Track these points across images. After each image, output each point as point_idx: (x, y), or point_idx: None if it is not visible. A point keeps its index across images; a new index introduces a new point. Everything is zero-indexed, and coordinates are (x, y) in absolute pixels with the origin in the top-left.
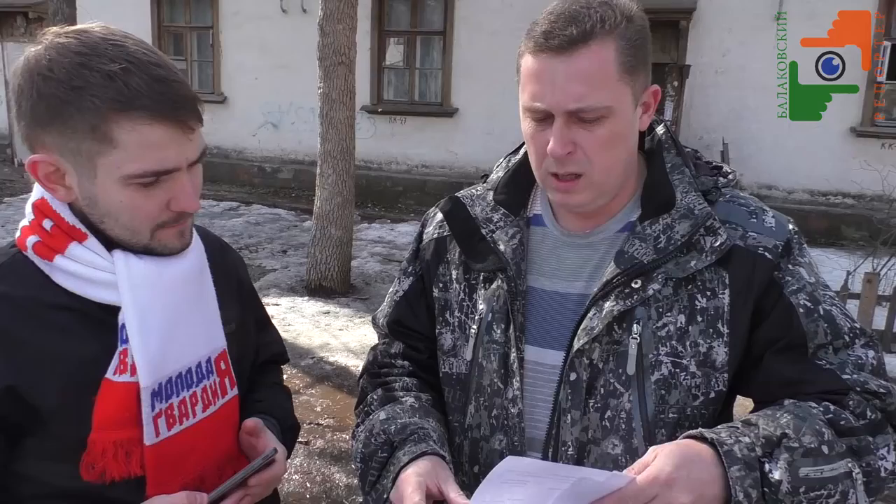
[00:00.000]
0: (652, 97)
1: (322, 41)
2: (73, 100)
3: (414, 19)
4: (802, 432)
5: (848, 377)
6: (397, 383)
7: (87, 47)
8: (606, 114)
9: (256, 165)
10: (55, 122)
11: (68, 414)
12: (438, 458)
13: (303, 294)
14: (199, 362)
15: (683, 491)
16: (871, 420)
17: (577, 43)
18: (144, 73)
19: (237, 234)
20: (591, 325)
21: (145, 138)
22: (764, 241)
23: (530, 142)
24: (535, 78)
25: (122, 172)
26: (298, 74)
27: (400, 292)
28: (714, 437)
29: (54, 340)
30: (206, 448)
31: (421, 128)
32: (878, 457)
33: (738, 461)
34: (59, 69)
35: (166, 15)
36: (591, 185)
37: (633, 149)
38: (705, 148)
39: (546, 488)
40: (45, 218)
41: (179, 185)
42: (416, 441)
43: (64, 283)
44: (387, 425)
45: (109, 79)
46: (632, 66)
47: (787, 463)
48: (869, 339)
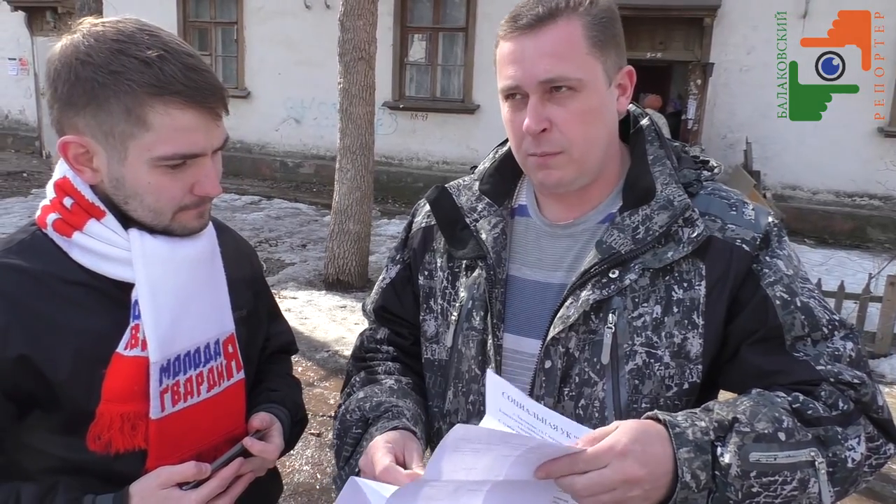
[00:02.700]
0: (627, 78)
1: (342, 36)
2: (111, 83)
3: (436, 15)
4: (758, 418)
5: (822, 368)
6: (380, 367)
7: (123, 35)
8: (578, 86)
9: (279, 160)
10: (91, 105)
11: (79, 385)
12: (408, 433)
13: (320, 288)
14: (207, 343)
15: (636, 463)
16: (843, 411)
17: (545, 20)
18: (178, 61)
19: (258, 227)
20: (567, 313)
21: (177, 122)
22: (742, 233)
23: (509, 126)
24: (509, 59)
25: (153, 154)
26: (321, 70)
27: (387, 279)
28: (668, 419)
29: (69, 314)
30: (207, 427)
31: (442, 124)
32: (846, 447)
33: (688, 443)
34: (98, 54)
35: (192, 10)
36: (570, 162)
37: (612, 130)
38: (728, 147)
39: (500, 455)
40: (66, 196)
41: (204, 169)
42: (389, 418)
43: (81, 260)
44: (362, 402)
45: (146, 65)
46: (600, 41)
47: (737, 447)
48: (849, 332)
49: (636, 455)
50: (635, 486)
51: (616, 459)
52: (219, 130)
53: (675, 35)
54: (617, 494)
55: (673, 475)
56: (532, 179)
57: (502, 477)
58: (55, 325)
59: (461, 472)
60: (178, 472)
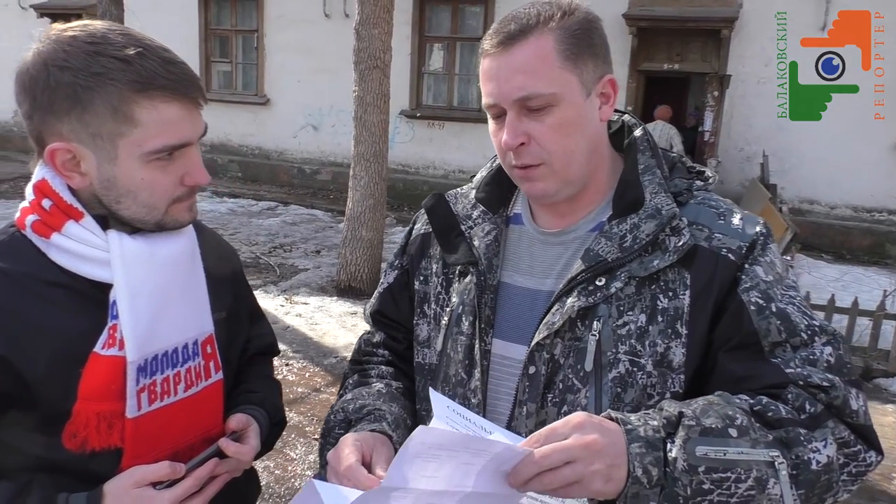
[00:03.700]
0: (610, 87)
1: (358, 45)
2: (94, 85)
3: (454, 25)
4: (707, 414)
5: (791, 371)
6: (374, 370)
7: (96, 37)
8: (553, 101)
9: (296, 167)
10: (75, 109)
11: (56, 385)
12: (384, 437)
13: (332, 294)
14: (185, 343)
15: (595, 432)
16: (810, 414)
17: (516, 37)
18: (156, 56)
19: (273, 233)
20: (553, 319)
21: (164, 115)
22: (728, 242)
23: (493, 140)
24: (486, 77)
25: (144, 149)
26: (339, 78)
27: (385, 284)
28: (620, 417)
29: (47, 315)
30: (183, 426)
31: (459, 133)
32: (810, 449)
33: (640, 439)
34: (75, 58)
35: (213, 18)
36: (552, 174)
37: (594, 139)
38: (745, 160)
39: (462, 464)
40: (44, 198)
41: (192, 159)
42: (370, 421)
43: (59, 260)
44: (346, 404)
45: (126, 63)
46: (574, 54)
47: (683, 441)
48: (831, 337)
49: (594, 426)
50: (597, 455)
51: (574, 430)
52: (200, 119)
53: (692, 47)
54: (578, 468)
55: (627, 470)
56: (522, 190)
57: (468, 489)
58: (33, 326)
59: (423, 479)
60: (151, 471)
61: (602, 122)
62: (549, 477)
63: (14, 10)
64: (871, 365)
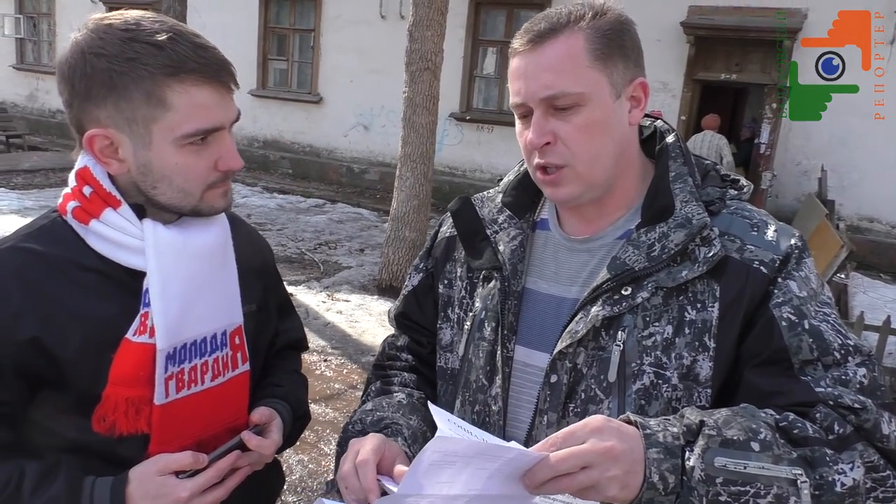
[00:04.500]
0: (641, 90)
1: (410, 46)
2: (128, 70)
3: (508, 29)
4: (730, 426)
5: (821, 390)
6: (396, 378)
7: (130, 24)
8: (580, 101)
9: (345, 165)
10: (111, 95)
11: (87, 368)
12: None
13: (373, 293)
14: (214, 333)
15: (613, 437)
16: (838, 435)
17: (546, 36)
18: (187, 41)
19: (319, 230)
20: (576, 328)
21: (196, 99)
22: (761, 255)
23: (519, 140)
24: (514, 75)
25: (177, 133)
26: (392, 78)
27: (410, 287)
28: (639, 420)
29: (81, 299)
30: (208, 415)
31: (507, 137)
32: (836, 471)
33: (658, 444)
34: (110, 45)
35: (273, 16)
36: (576, 177)
37: (622, 142)
38: (803, 174)
39: (477, 469)
40: (85, 185)
41: (225, 144)
42: (387, 435)
43: (96, 246)
44: (365, 416)
45: (158, 48)
46: (604, 54)
47: (702, 450)
48: (865, 358)
49: (612, 431)
50: (613, 462)
51: (592, 434)
52: (233, 104)
53: (751, 57)
54: (594, 473)
55: (643, 475)
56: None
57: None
58: (67, 309)
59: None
60: (175, 460)
61: (632, 126)
62: (564, 481)
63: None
64: None
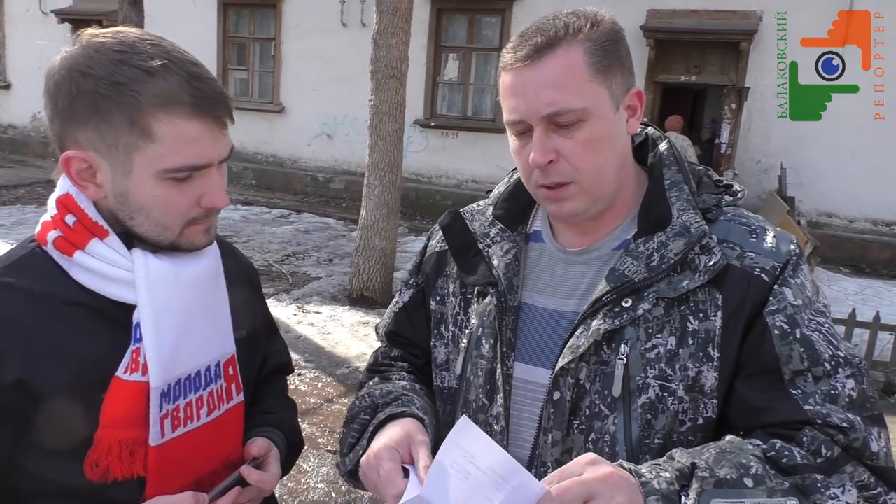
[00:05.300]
0: (636, 99)
1: (375, 54)
2: (113, 95)
3: (470, 35)
4: (721, 465)
5: (810, 408)
6: (395, 375)
7: (125, 45)
8: (583, 116)
9: (310, 175)
10: (93, 118)
11: (77, 410)
12: (416, 421)
13: (344, 303)
14: (208, 366)
15: (610, 467)
16: (827, 458)
17: (543, 50)
18: (182, 69)
19: (286, 241)
20: (577, 343)
21: (183, 133)
22: (762, 262)
23: (517, 158)
24: (510, 91)
25: (159, 167)
26: (355, 87)
27: (400, 303)
28: (634, 469)
29: (68, 336)
30: (206, 452)
31: (472, 142)
32: (829, 496)
33: (656, 492)
34: (99, 66)
35: (231, 26)
36: (582, 192)
37: (623, 154)
38: (763, 172)
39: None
40: (68, 213)
41: (211, 181)
42: (398, 405)
43: (81, 280)
44: (372, 390)
45: (149, 75)
46: (604, 66)
47: (697, 493)
48: (855, 370)
49: (606, 462)
50: (616, 489)
51: (588, 466)
52: (225, 140)
53: (710, 59)
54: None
55: None
56: (547, 210)
57: None
58: (54, 348)
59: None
60: (175, 502)
61: (629, 136)
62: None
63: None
64: (893, 380)
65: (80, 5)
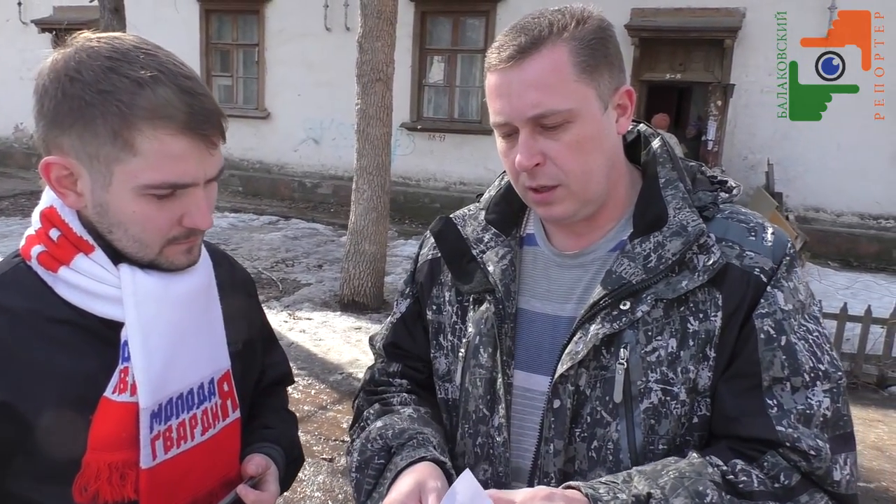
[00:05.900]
0: (627, 98)
1: (360, 58)
2: (98, 103)
3: (455, 37)
4: (676, 493)
5: (782, 430)
6: (395, 398)
7: (118, 53)
8: (570, 118)
9: (297, 180)
10: (76, 125)
11: (64, 433)
12: (434, 467)
13: (335, 309)
14: (201, 383)
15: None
16: (784, 486)
17: (528, 50)
18: (174, 83)
19: (275, 247)
20: (576, 349)
21: (167, 149)
22: (761, 262)
23: (504, 160)
24: (495, 93)
25: (139, 182)
26: (340, 91)
27: (397, 314)
28: (591, 493)
29: (53, 355)
30: (201, 473)
31: (460, 145)
32: None
33: None
34: (88, 71)
35: (214, 32)
36: (570, 195)
37: (613, 154)
38: (750, 168)
39: None
40: (52, 227)
41: (195, 200)
42: (414, 446)
43: (66, 296)
44: (384, 431)
45: (138, 85)
46: (590, 66)
47: None
48: (833, 386)
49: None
50: None
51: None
52: (213, 159)
53: (694, 56)
54: None
55: None
56: (536, 212)
57: None
58: (38, 369)
59: None
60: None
61: (619, 136)
62: None
63: (15, 24)
64: (886, 373)
65: (61, 14)
